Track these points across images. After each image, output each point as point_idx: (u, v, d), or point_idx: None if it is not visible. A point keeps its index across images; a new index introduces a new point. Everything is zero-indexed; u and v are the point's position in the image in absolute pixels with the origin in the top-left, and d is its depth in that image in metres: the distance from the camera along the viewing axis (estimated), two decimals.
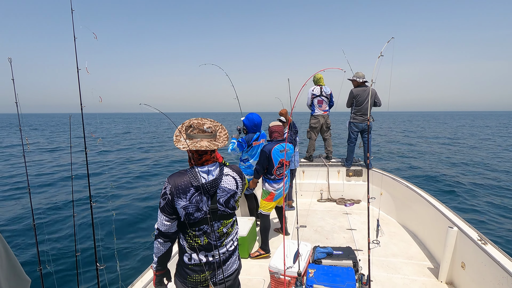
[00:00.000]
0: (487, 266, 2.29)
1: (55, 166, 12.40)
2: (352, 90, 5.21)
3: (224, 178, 1.58)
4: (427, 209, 3.47)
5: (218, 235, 1.58)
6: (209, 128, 1.52)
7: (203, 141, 1.49)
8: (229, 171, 1.62)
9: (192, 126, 1.51)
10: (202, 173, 1.52)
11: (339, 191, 5.23)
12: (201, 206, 1.50)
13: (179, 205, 1.46)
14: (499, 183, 9.58)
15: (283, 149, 3.32)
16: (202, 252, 1.54)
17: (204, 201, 1.51)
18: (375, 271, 2.96)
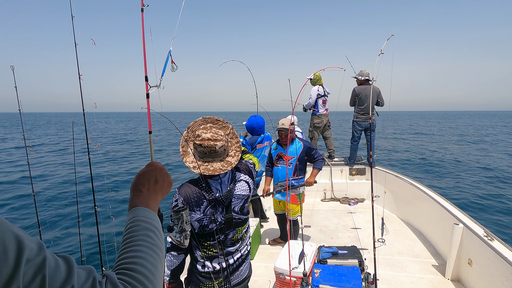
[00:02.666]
0: (494, 262, 2.27)
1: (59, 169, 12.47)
2: (355, 88, 5.20)
3: (237, 185, 1.50)
4: (432, 206, 3.45)
5: (233, 241, 1.54)
6: (222, 147, 1.37)
7: (216, 164, 1.38)
8: (241, 175, 1.55)
9: (202, 145, 1.36)
10: (215, 184, 1.44)
11: (342, 190, 5.22)
12: (216, 217, 1.44)
13: (193, 218, 1.41)
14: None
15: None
16: (215, 260, 1.50)
17: (219, 212, 1.45)
18: (381, 269, 2.94)
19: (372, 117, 2.92)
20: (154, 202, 0.68)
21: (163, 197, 0.72)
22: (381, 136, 25.12)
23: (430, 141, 21.66)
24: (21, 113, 3.41)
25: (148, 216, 0.61)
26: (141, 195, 0.67)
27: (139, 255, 0.55)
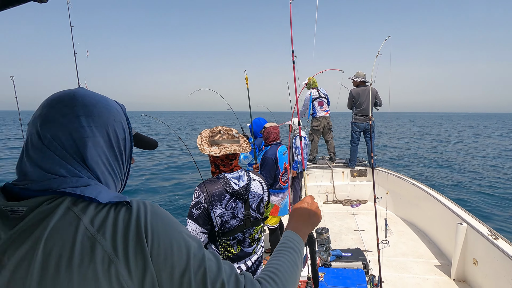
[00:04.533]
0: (499, 261, 2.25)
1: None
2: (352, 90, 5.22)
3: (252, 183, 1.57)
4: (435, 206, 3.44)
5: (250, 241, 1.55)
6: (237, 133, 1.55)
7: (233, 146, 1.50)
8: (254, 176, 1.61)
9: (221, 132, 1.52)
10: (233, 179, 1.50)
11: (344, 192, 5.20)
12: (236, 212, 1.47)
13: (215, 214, 1.42)
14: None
15: (285, 151, 3.06)
16: (234, 262, 1.50)
17: (239, 208, 1.49)
18: (385, 271, 2.92)
19: (372, 119, 2.93)
20: (305, 231, 0.82)
21: (313, 228, 0.87)
22: (391, 136, 25.05)
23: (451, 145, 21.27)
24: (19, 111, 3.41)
25: (295, 240, 0.76)
26: (295, 223, 0.83)
27: (280, 266, 0.65)
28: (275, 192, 3.03)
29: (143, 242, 0.46)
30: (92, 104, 0.55)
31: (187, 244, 0.50)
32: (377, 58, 2.50)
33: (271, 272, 0.63)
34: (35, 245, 0.42)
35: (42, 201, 0.45)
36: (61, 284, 0.41)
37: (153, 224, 0.48)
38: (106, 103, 0.58)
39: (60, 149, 0.50)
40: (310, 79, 5.29)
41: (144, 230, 0.47)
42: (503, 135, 29.33)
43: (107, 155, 0.56)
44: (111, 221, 0.46)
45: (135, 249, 0.45)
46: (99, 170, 0.54)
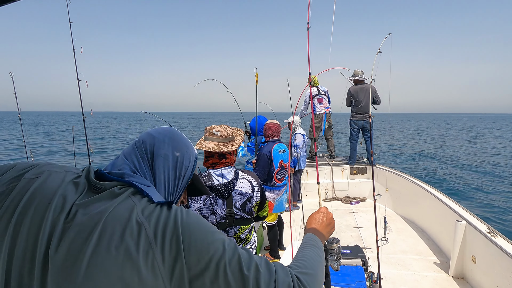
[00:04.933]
0: (498, 258, 2.26)
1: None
2: (350, 88, 5.22)
3: (239, 182, 1.56)
4: (434, 203, 3.45)
5: (235, 241, 1.52)
6: (218, 131, 1.55)
7: (210, 144, 1.53)
8: (244, 175, 1.60)
9: (205, 129, 1.61)
10: (216, 175, 1.52)
11: (344, 190, 5.21)
12: (215, 209, 1.47)
13: (193, 208, 1.44)
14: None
15: (282, 149, 2.99)
16: None
17: (219, 204, 1.48)
18: (385, 268, 2.93)
19: (372, 116, 2.92)
20: (320, 235, 0.90)
21: (329, 235, 0.96)
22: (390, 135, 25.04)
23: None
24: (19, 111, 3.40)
25: (316, 240, 0.85)
26: (312, 229, 0.91)
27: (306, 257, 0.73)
28: (269, 189, 3.00)
29: (179, 235, 0.53)
30: (179, 136, 0.77)
31: (219, 238, 0.58)
32: (377, 55, 2.49)
33: (300, 260, 0.71)
34: (100, 215, 0.52)
35: (115, 185, 0.59)
36: (110, 254, 0.48)
37: (189, 222, 0.56)
38: (187, 142, 0.78)
39: (142, 151, 0.69)
40: (314, 79, 5.29)
41: (181, 225, 0.55)
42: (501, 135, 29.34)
43: (169, 172, 0.71)
44: (156, 214, 0.55)
45: (170, 240, 0.52)
46: (158, 177, 0.68)
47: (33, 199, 0.53)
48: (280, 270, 0.61)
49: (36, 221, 0.50)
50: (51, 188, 0.55)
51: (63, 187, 0.56)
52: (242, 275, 0.55)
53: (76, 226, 0.50)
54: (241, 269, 0.55)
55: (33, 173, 0.58)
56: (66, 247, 0.49)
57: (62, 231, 0.50)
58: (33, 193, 0.53)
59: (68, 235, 0.50)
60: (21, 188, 0.54)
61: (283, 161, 2.99)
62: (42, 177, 0.57)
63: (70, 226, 0.50)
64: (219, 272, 0.53)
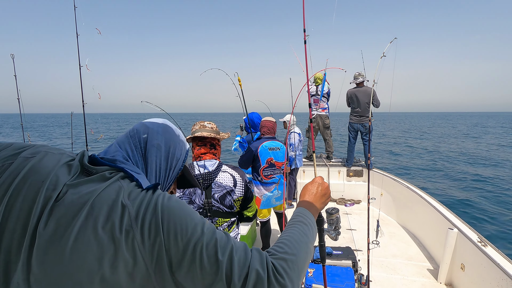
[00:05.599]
0: (486, 268, 2.29)
1: None
2: (348, 90, 5.25)
3: (220, 174, 1.58)
4: (427, 210, 3.47)
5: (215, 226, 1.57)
6: (209, 124, 1.70)
7: (203, 133, 1.64)
8: (228, 169, 1.63)
9: (195, 123, 1.73)
10: (198, 166, 1.57)
11: (339, 191, 5.24)
12: (194, 198, 1.50)
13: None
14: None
15: (273, 147, 2.97)
16: None
17: (197, 194, 1.52)
18: (374, 271, 2.96)
19: (371, 120, 2.93)
20: (315, 208, 0.88)
21: (324, 206, 0.93)
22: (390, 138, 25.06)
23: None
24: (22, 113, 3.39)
25: (305, 215, 0.82)
26: (305, 201, 0.89)
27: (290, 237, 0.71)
28: (256, 183, 3.04)
29: (158, 217, 0.55)
30: (171, 128, 0.80)
31: (199, 221, 0.59)
32: (381, 59, 2.49)
33: (281, 243, 0.68)
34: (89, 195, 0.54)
35: (106, 169, 0.61)
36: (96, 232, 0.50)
37: (170, 205, 0.58)
38: (180, 134, 0.82)
39: (136, 140, 0.72)
40: (314, 75, 5.29)
41: (161, 208, 0.56)
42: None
43: (161, 162, 0.73)
44: (141, 197, 0.57)
45: (149, 221, 0.54)
46: (150, 166, 0.71)
47: (27, 177, 0.54)
48: (255, 257, 0.59)
49: (29, 198, 0.52)
50: (46, 168, 0.56)
51: (57, 168, 0.57)
52: (217, 260, 0.55)
53: (65, 204, 0.53)
54: (216, 253, 0.55)
55: (29, 152, 0.59)
56: (54, 223, 0.50)
57: (51, 208, 0.52)
58: (29, 171, 0.55)
59: (57, 212, 0.52)
60: (17, 165, 0.56)
61: (273, 159, 2.98)
62: (38, 157, 0.58)
63: (60, 204, 0.53)
64: (195, 255, 0.54)
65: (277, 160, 3.02)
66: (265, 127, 3.05)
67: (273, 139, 3.02)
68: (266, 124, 3.06)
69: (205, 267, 0.54)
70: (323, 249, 1.20)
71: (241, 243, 0.62)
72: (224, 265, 0.55)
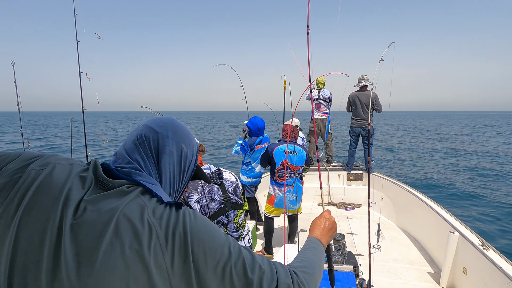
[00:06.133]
0: (488, 271, 2.27)
1: None
2: (350, 94, 5.25)
3: (224, 173, 1.73)
4: (428, 213, 3.46)
5: (236, 226, 1.66)
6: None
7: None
8: (224, 169, 1.77)
9: None
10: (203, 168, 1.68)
11: (339, 195, 5.22)
12: (213, 196, 1.59)
13: (192, 200, 1.53)
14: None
15: (290, 150, 3.09)
16: None
17: (215, 191, 1.62)
18: (376, 276, 2.93)
19: (371, 123, 2.93)
20: (323, 239, 0.95)
21: (331, 238, 1.00)
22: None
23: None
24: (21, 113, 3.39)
25: (317, 243, 0.90)
26: (315, 232, 0.97)
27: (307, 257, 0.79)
28: (272, 183, 3.24)
29: (187, 239, 0.54)
30: (180, 128, 0.74)
31: (225, 241, 0.59)
32: (379, 63, 2.50)
33: (300, 261, 0.75)
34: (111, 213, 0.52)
35: (123, 183, 0.59)
36: (123, 254, 0.49)
37: (197, 225, 0.57)
38: (189, 133, 0.76)
39: (146, 148, 0.67)
40: (317, 80, 5.31)
41: (190, 229, 0.56)
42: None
43: (174, 167, 0.70)
44: (166, 216, 0.55)
45: (179, 244, 0.54)
46: (164, 175, 0.68)
47: (39, 192, 0.52)
48: (280, 270, 0.64)
49: (42, 216, 0.50)
50: (57, 182, 0.54)
51: (70, 181, 0.55)
52: (247, 278, 0.57)
53: (86, 223, 0.51)
54: (245, 272, 0.58)
55: (38, 164, 0.57)
56: (76, 244, 0.49)
57: (71, 227, 0.50)
58: (39, 186, 0.53)
59: (78, 233, 0.50)
60: (26, 180, 0.53)
61: (288, 162, 3.10)
62: (47, 169, 0.56)
63: (80, 223, 0.51)
64: (225, 275, 0.56)
65: (292, 164, 3.10)
66: (284, 131, 3.24)
67: (291, 143, 3.12)
68: (285, 128, 3.24)
69: (234, 285, 0.56)
70: (332, 274, 1.31)
71: (264, 258, 0.64)
72: (254, 282, 0.58)
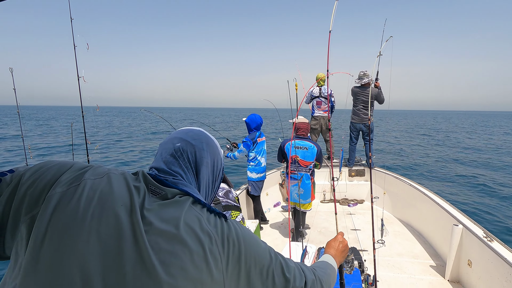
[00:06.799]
0: (494, 263, 2.27)
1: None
2: (352, 89, 5.24)
3: None
4: (431, 207, 3.46)
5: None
6: None
7: None
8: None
9: None
10: None
11: (342, 192, 5.22)
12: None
13: None
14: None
15: (300, 146, 3.32)
16: None
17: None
18: (381, 271, 2.94)
19: (371, 119, 2.93)
20: (337, 259, 1.06)
21: (343, 259, 1.13)
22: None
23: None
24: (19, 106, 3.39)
25: (331, 260, 1.02)
26: (330, 252, 1.08)
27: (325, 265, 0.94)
28: (286, 176, 3.48)
29: (240, 246, 0.63)
30: (211, 139, 0.80)
31: (265, 247, 0.71)
32: (378, 58, 2.49)
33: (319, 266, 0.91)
34: (175, 222, 0.57)
35: (175, 192, 0.63)
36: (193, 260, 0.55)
37: (244, 234, 0.66)
38: (217, 143, 0.82)
39: (185, 161, 0.72)
40: (317, 76, 5.31)
41: (241, 238, 0.65)
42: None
43: (209, 176, 0.76)
44: (220, 226, 0.63)
45: (233, 250, 0.62)
46: (202, 185, 0.74)
47: (103, 200, 0.54)
48: (305, 269, 0.80)
49: (113, 222, 0.53)
50: (117, 191, 0.57)
51: (128, 189, 0.59)
52: (285, 277, 0.70)
53: (157, 230, 0.55)
54: (283, 273, 0.70)
55: (92, 174, 0.59)
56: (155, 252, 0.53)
57: (143, 233, 0.53)
58: (101, 195, 0.55)
59: (153, 239, 0.54)
60: (84, 189, 0.55)
61: (298, 157, 3.31)
62: (104, 179, 0.58)
63: (151, 230, 0.55)
64: (269, 277, 0.67)
65: (302, 159, 3.31)
66: (301, 129, 3.42)
67: (303, 139, 3.34)
68: (301, 126, 3.41)
69: (276, 284, 0.68)
70: (343, 286, 1.51)
71: (292, 260, 0.77)
72: (291, 280, 0.71)
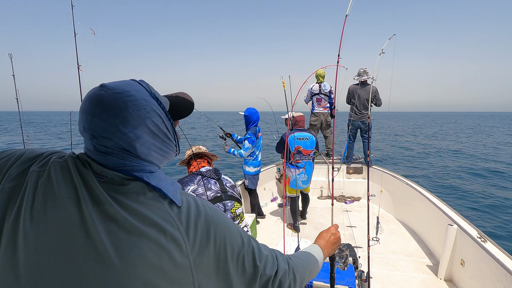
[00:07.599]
0: (486, 263, 2.29)
1: None
2: (350, 86, 5.24)
3: (222, 174, 1.89)
4: (427, 206, 3.48)
5: (233, 216, 1.75)
6: (203, 147, 2.06)
7: (201, 148, 2.02)
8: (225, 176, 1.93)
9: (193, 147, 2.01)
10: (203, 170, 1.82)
11: (339, 189, 5.24)
12: (209, 186, 1.71)
13: (188, 191, 1.63)
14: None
15: (301, 137, 3.63)
16: None
17: (212, 183, 1.75)
18: (374, 268, 2.97)
19: (371, 117, 2.93)
20: (326, 250, 1.04)
21: (334, 251, 1.09)
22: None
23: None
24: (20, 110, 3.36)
25: (319, 253, 0.98)
26: (320, 242, 1.05)
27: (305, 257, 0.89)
28: (288, 166, 3.74)
29: (209, 229, 0.59)
30: (122, 108, 0.55)
31: (237, 231, 0.67)
32: (380, 56, 2.48)
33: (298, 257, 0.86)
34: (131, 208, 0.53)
35: (124, 177, 0.56)
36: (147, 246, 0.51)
37: (213, 215, 0.62)
38: (134, 100, 0.57)
39: (117, 154, 0.57)
40: (316, 72, 5.28)
41: (209, 219, 0.60)
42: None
43: (155, 144, 0.62)
44: (185, 209, 0.59)
45: (201, 234, 0.58)
46: (153, 158, 0.63)
47: (47, 194, 0.51)
48: (279, 257, 0.76)
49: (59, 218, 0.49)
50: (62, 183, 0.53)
51: (72, 177, 0.54)
52: (255, 265, 0.66)
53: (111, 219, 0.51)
54: (254, 259, 0.67)
55: (38, 165, 0.55)
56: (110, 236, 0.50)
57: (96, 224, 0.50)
58: (45, 190, 0.52)
59: (107, 228, 0.50)
60: (29, 183, 0.53)
61: (301, 147, 3.64)
62: (48, 171, 0.54)
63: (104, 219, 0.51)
64: (239, 262, 0.64)
65: (304, 148, 3.66)
66: (301, 121, 3.75)
67: (303, 131, 3.68)
68: (301, 119, 3.74)
69: (246, 270, 0.65)
70: (333, 279, 1.50)
71: (265, 247, 0.74)
72: (261, 268, 0.67)
